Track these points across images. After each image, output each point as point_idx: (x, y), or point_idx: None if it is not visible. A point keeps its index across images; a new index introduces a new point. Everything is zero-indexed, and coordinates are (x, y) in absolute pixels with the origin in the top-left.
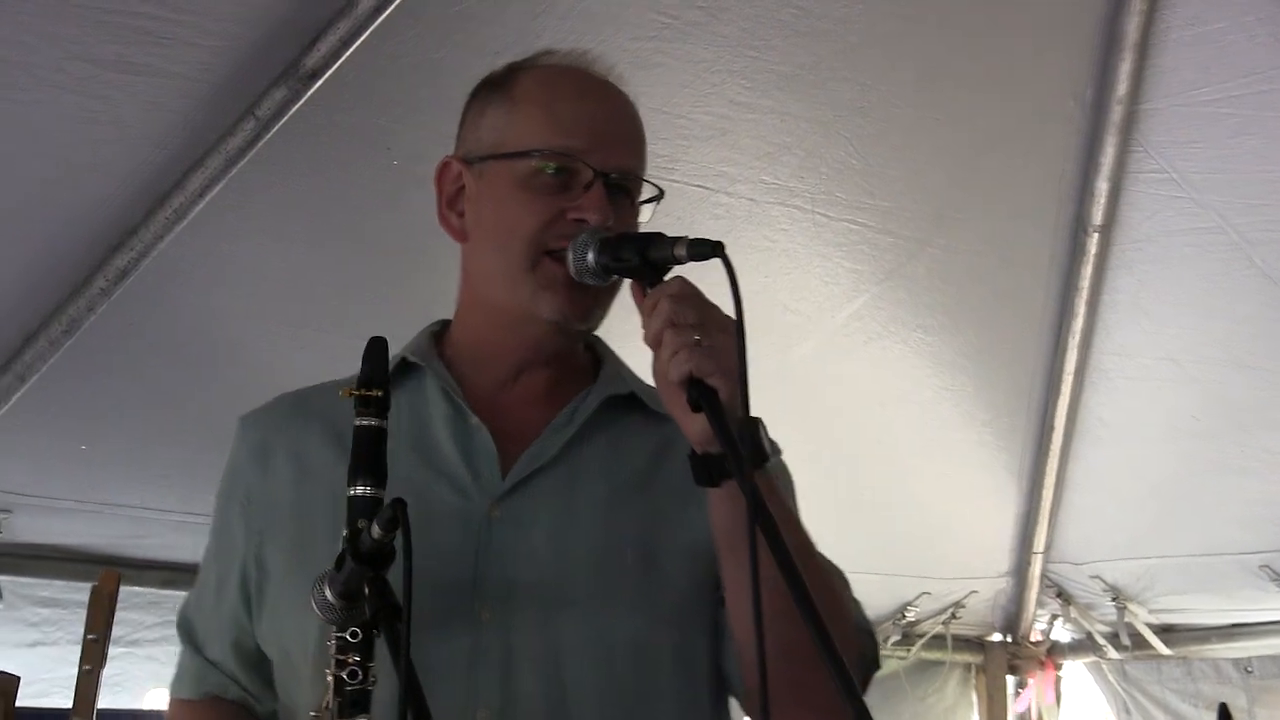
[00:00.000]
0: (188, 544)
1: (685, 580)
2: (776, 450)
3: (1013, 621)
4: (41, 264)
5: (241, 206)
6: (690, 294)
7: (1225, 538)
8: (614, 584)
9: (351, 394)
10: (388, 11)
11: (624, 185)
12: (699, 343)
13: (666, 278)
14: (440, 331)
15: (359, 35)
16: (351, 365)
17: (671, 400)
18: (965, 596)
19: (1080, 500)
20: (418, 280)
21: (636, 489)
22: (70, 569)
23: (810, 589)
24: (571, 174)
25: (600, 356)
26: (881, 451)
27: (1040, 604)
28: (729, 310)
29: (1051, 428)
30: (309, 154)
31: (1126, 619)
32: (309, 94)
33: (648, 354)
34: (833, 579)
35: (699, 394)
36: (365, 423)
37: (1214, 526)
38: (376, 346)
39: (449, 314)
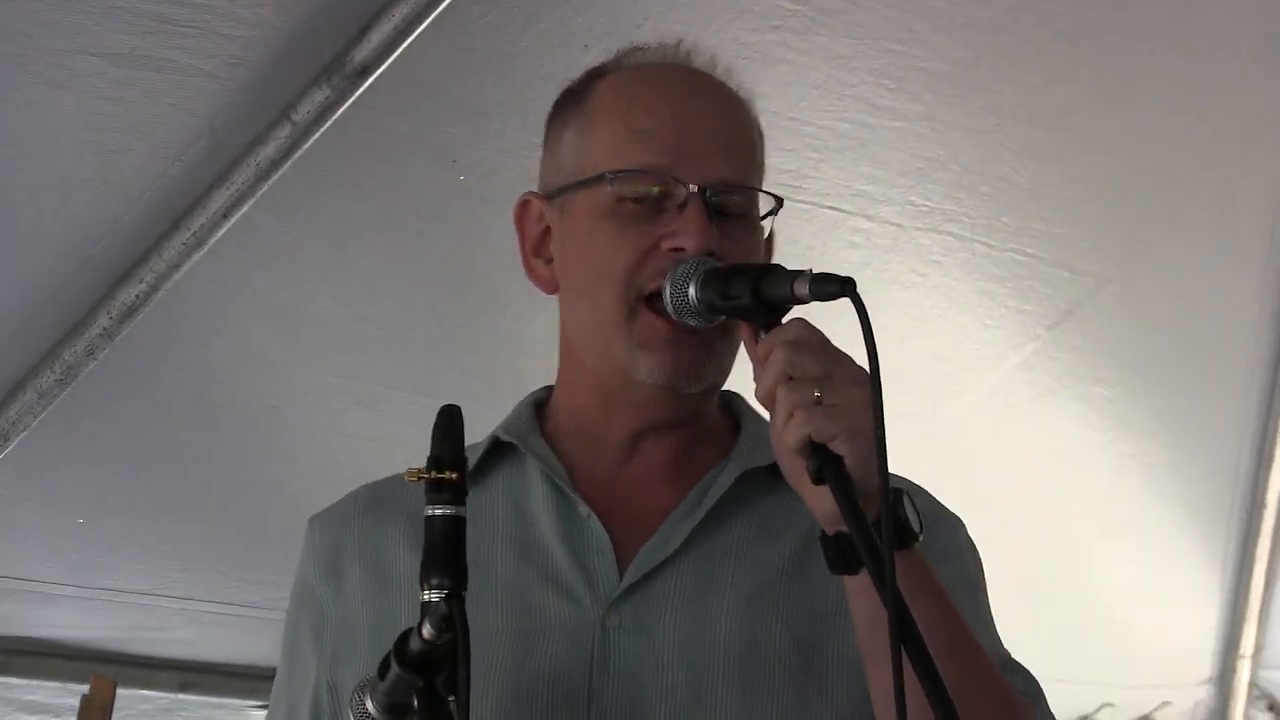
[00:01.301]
0: (209, 639)
1: (848, 695)
2: (955, 525)
3: None
4: (32, 299)
5: (275, 230)
6: (812, 340)
7: None
8: (761, 700)
9: (420, 477)
10: None
11: (729, 203)
12: (820, 400)
13: (785, 319)
14: (545, 399)
15: (419, 24)
16: (412, 423)
17: (791, 471)
18: (1156, 709)
19: None
20: (492, 322)
21: (787, 582)
22: (65, 668)
23: (971, 700)
24: (663, 195)
25: (738, 417)
26: (1053, 532)
27: (1248, 718)
28: (862, 360)
29: (1262, 505)
30: (357, 166)
31: None
32: (357, 94)
33: None
34: (1007, 688)
35: (821, 462)
36: (438, 512)
37: None
38: (448, 417)
39: (530, 363)
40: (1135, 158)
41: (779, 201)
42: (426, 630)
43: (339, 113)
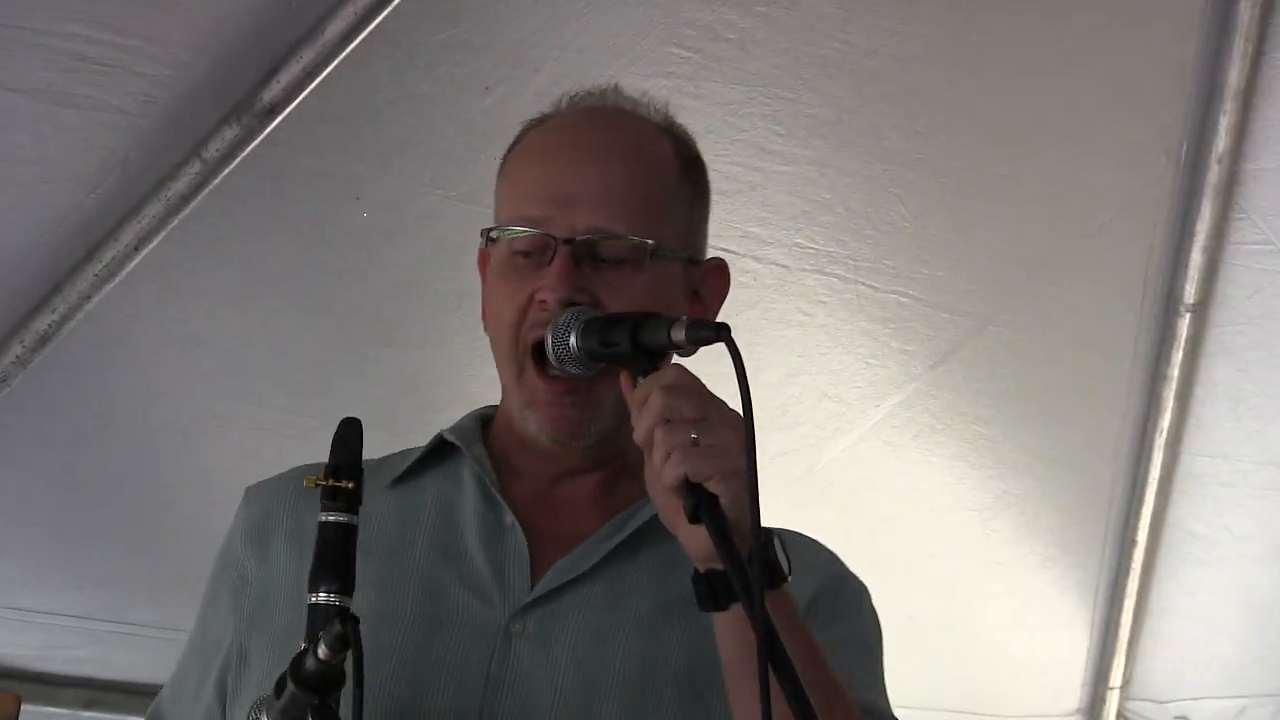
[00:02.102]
0: (113, 658)
1: None
2: (859, 591)
3: None
4: None
5: (185, 262)
6: (688, 384)
7: None
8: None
9: (318, 484)
10: (360, 37)
11: (604, 250)
12: (696, 441)
13: (663, 365)
14: (491, 416)
15: (326, 65)
16: (318, 449)
17: (666, 509)
18: None
19: (1165, 628)
20: (394, 351)
21: (684, 615)
22: None
23: None
24: (540, 249)
25: None
26: (932, 567)
27: None
28: (736, 404)
29: (1133, 542)
30: (264, 202)
31: None
32: (265, 133)
33: None
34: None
35: (697, 501)
36: (331, 519)
37: None
38: (348, 429)
39: (427, 392)
40: (1015, 202)
41: (656, 246)
42: (322, 650)
43: (247, 150)
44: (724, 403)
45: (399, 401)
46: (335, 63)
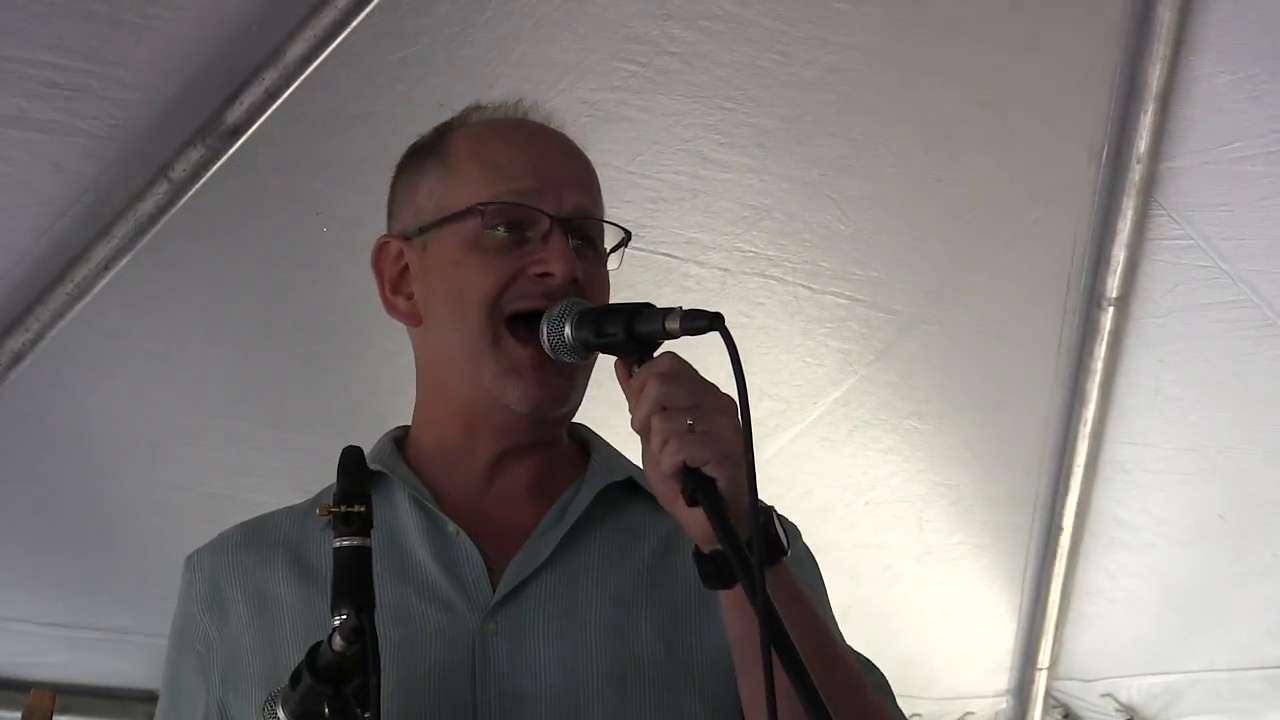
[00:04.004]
0: (85, 663)
1: (715, 689)
2: (794, 534)
3: None
4: None
5: (153, 280)
6: (682, 372)
7: (1255, 651)
8: (634, 696)
9: (330, 512)
10: (319, 60)
11: (585, 233)
12: (692, 427)
13: (656, 354)
14: (403, 437)
15: (287, 86)
16: (283, 460)
17: (666, 495)
18: (960, 719)
19: (1091, 609)
20: (358, 364)
21: (648, 587)
22: None
23: (835, 701)
24: (525, 226)
25: (586, 442)
26: (869, 555)
27: None
28: (730, 390)
29: (1059, 528)
30: (230, 220)
31: None
32: (230, 153)
33: (637, 439)
34: (865, 685)
35: (695, 485)
36: (347, 543)
37: (1243, 638)
38: (352, 456)
39: (391, 400)
40: (945, 204)
41: (627, 234)
42: (336, 642)
43: (213, 170)
44: (717, 388)
45: (362, 412)
46: (296, 84)
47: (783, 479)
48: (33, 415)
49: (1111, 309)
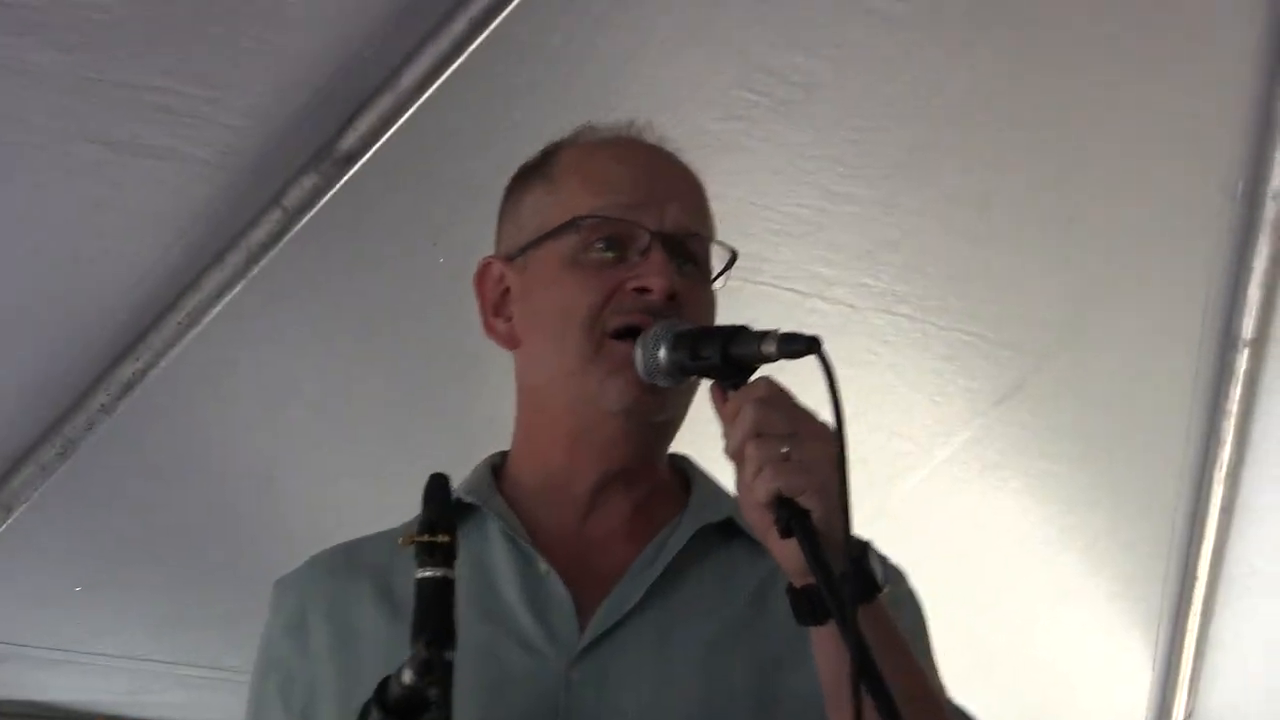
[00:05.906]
0: (200, 702)
1: None
2: (897, 577)
3: None
4: (34, 375)
5: (266, 310)
6: (780, 398)
7: None
8: None
9: (413, 541)
10: (437, 84)
11: (689, 251)
12: (788, 456)
13: (752, 379)
14: (500, 464)
15: (402, 113)
16: (401, 492)
17: (760, 525)
18: None
19: (1227, 661)
20: (474, 394)
21: (743, 632)
22: None
23: None
24: (625, 241)
25: (689, 477)
26: (998, 599)
27: None
28: (827, 418)
29: (1194, 576)
30: (343, 249)
31: None
32: (343, 180)
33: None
34: None
35: (789, 516)
36: (429, 574)
37: None
38: (437, 485)
39: (506, 431)
40: (1076, 241)
41: (734, 255)
42: (407, 675)
43: (326, 198)
44: (815, 415)
45: (478, 443)
46: (411, 110)
47: (912, 521)
48: (143, 447)
49: (1247, 350)
